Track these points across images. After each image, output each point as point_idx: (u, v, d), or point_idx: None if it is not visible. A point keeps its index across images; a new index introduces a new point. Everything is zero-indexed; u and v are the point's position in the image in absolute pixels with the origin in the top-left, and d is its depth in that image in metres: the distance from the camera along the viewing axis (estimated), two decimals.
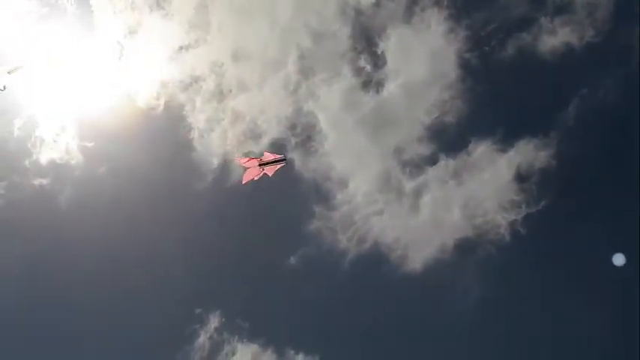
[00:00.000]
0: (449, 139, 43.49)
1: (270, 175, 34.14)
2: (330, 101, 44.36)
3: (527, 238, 41.59)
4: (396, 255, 42.46)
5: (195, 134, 45.09)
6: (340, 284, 42.97)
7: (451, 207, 42.66)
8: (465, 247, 42.16)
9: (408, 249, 42.36)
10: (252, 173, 33.91)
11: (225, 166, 44.12)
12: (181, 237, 43.59)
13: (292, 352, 41.73)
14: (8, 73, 38.96)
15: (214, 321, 42.71)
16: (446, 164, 43.23)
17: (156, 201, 44.23)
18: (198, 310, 42.79)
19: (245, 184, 34.24)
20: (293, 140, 44.56)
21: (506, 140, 42.47)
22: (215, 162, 44.61)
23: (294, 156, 44.31)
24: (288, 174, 42.28)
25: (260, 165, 33.83)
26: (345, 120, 44.33)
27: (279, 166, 34.23)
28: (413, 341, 41.85)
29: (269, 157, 34.13)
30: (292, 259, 43.15)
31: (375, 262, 42.71)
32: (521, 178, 41.94)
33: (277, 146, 44.07)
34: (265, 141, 44.36)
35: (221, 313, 42.80)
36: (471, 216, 42.21)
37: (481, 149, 42.70)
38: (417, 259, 42.11)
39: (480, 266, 42.00)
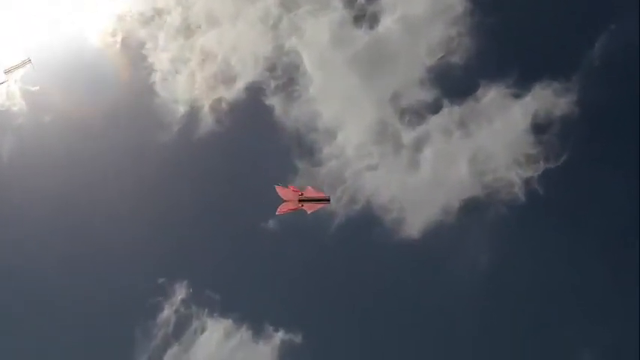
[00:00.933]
0: (454, 83, 41.12)
1: (307, 212, 31.04)
2: (317, 38, 41.98)
3: (546, 198, 38.87)
4: (391, 218, 39.43)
5: (157, 77, 42.34)
6: (326, 252, 39.98)
7: (456, 162, 40.13)
8: (472, 209, 39.38)
9: (405, 211, 39.38)
10: (289, 206, 30.91)
11: (193, 114, 41.75)
12: (142, 196, 40.39)
13: (271, 328, 38.89)
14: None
15: (180, 292, 39.60)
16: (450, 112, 40.57)
17: (111, 154, 41.25)
18: (161, 280, 39.63)
19: (278, 214, 31.20)
20: (272, 83, 41.87)
21: (521, 84, 40.02)
22: (181, 110, 41.83)
23: (274, 102, 41.63)
24: (266, 123, 41.49)
25: (300, 200, 30.85)
26: (334, 60, 42.03)
27: (320, 206, 31.11)
28: (410, 318, 38.67)
29: (311, 192, 30.95)
30: (270, 223, 39.67)
31: (367, 227, 39.86)
32: (538, 128, 39.59)
33: (254, 90, 41.98)
34: (240, 85, 41.94)
35: (188, 283, 39.71)
36: (480, 172, 39.52)
37: (492, 94, 40.27)
38: (415, 223, 39.15)
39: (490, 231, 39.06)
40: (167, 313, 39.26)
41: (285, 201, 30.65)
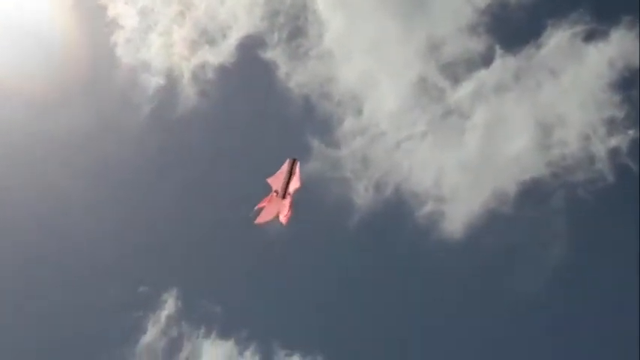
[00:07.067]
0: (510, 26, 36.29)
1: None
2: None
3: None
4: (426, 211, 34.28)
5: (120, 37, 37.11)
6: (346, 256, 34.68)
7: (513, 130, 35.22)
8: (537, 195, 34.18)
9: (444, 201, 34.45)
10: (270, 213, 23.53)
11: (169, 87, 36.69)
12: (114, 189, 35.53)
13: (283, 352, 33.93)
14: None
15: (168, 306, 34.13)
16: (504, 64, 35.72)
17: (61, 141, 35.57)
18: (142, 289, 34.49)
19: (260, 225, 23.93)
20: (275, 36, 36.73)
21: (599, 23, 35.20)
22: (154, 82, 36.83)
23: (277, 59, 36.39)
24: (267, 90, 36.53)
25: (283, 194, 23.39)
26: None
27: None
28: (453, 341, 32.83)
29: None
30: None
31: (394, 223, 34.57)
32: (624, 81, 34.55)
33: (248, 47, 36.60)
34: (231, 41, 36.59)
35: (178, 292, 34.35)
36: (546, 145, 34.58)
37: (558, 38, 35.57)
38: (458, 217, 34.07)
39: (563, 224, 33.30)
40: (151, 334, 33.62)
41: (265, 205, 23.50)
